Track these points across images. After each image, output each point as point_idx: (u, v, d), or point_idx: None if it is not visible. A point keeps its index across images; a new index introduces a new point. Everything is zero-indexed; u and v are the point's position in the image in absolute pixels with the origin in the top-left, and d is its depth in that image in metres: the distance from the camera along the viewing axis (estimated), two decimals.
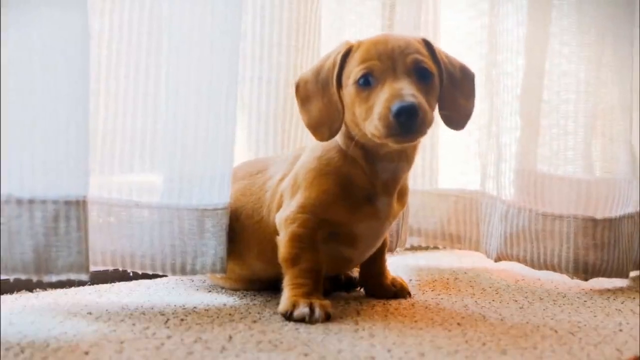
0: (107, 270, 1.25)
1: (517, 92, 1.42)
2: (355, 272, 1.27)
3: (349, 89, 1.05)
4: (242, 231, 1.16)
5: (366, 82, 1.02)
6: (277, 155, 1.26)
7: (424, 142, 1.54)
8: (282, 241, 1.08)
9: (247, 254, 1.16)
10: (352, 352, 0.88)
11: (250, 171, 1.21)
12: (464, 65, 1.13)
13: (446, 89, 1.08)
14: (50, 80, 0.97)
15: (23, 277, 0.96)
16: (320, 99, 1.08)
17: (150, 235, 1.12)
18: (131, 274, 1.19)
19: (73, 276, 0.98)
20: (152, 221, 1.12)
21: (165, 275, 1.25)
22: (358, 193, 1.08)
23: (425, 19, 1.51)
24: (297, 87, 1.11)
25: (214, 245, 1.13)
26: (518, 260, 1.41)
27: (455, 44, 1.57)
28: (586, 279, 1.36)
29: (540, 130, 1.41)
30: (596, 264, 1.35)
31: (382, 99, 0.99)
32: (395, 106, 0.96)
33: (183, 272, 1.13)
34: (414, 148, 1.10)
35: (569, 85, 1.40)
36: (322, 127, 1.08)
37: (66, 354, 0.85)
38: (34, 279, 0.97)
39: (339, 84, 1.07)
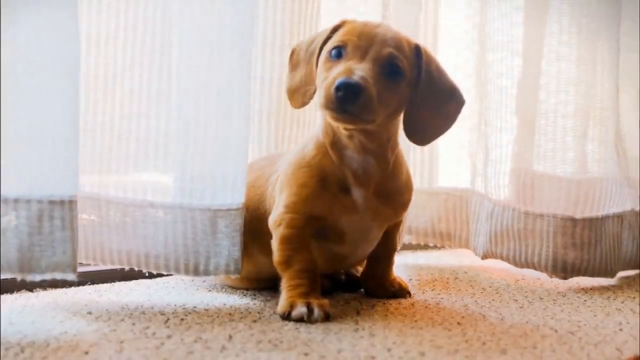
0: (107, 270, 1.25)
1: (508, 92, 1.42)
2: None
3: (321, 57, 1.06)
4: (251, 222, 1.16)
5: (337, 55, 1.04)
6: (288, 151, 1.27)
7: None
8: (274, 244, 1.09)
9: (253, 245, 1.17)
10: (352, 352, 0.88)
11: (264, 164, 1.22)
12: (456, 89, 1.12)
13: (421, 100, 1.07)
14: (38, 80, 0.96)
15: (7, 276, 0.96)
16: (304, 67, 1.10)
17: (164, 236, 1.12)
18: (147, 274, 1.19)
19: (58, 275, 0.98)
20: (166, 221, 1.12)
21: (167, 275, 1.25)
22: (333, 184, 1.08)
23: (424, 17, 1.51)
24: (292, 53, 1.14)
25: (227, 246, 1.13)
26: (502, 259, 1.42)
27: (455, 43, 1.57)
28: (565, 278, 1.37)
29: (535, 129, 1.42)
30: (575, 263, 1.36)
31: (335, 72, 1.00)
32: (338, 80, 0.97)
33: (196, 272, 1.13)
34: (381, 146, 1.08)
35: (561, 85, 1.40)
36: (296, 94, 1.11)
37: (66, 354, 0.85)
38: (18, 278, 0.96)
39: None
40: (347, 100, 0.97)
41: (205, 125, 1.12)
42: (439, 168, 1.60)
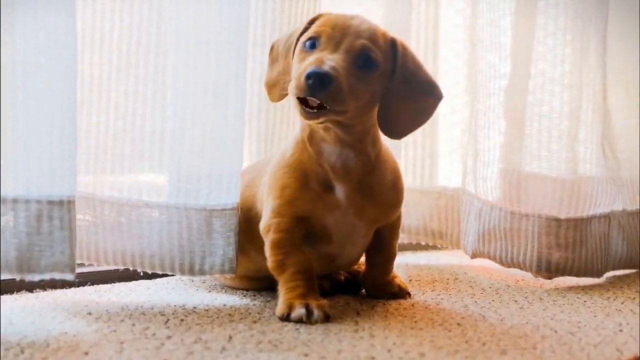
0: (107, 270, 1.25)
1: (497, 94, 1.43)
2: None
3: (297, 49, 1.06)
4: (245, 222, 1.16)
5: (312, 46, 1.04)
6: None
7: (415, 140, 1.55)
8: (267, 250, 1.09)
9: (250, 246, 1.17)
10: (352, 352, 0.88)
11: (261, 165, 1.22)
12: (435, 84, 1.11)
13: (395, 93, 1.06)
14: (36, 80, 0.97)
15: (6, 276, 0.96)
16: (283, 61, 1.10)
17: (160, 235, 1.13)
18: (144, 274, 1.19)
19: (57, 275, 0.98)
20: (161, 221, 1.13)
21: (167, 275, 1.25)
22: (315, 181, 1.08)
23: (417, 19, 1.51)
24: (272, 48, 1.14)
25: (222, 246, 1.13)
26: (489, 258, 1.43)
27: (455, 44, 1.57)
28: (550, 278, 1.38)
29: (524, 130, 1.43)
30: (560, 263, 1.37)
31: (307, 62, 1.00)
32: (309, 69, 0.97)
33: (192, 272, 1.14)
34: (359, 140, 1.08)
35: (548, 86, 1.41)
36: (275, 87, 1.11)
37: (66, 354, 0.85)
38: (17, 278, 0.97)
39: None
40: (316, 89, 0.96)
41: (200, 125, 1.12)
42: (437, 168, 1.60)
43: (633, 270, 1.52)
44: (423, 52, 1.52)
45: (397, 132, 1.10)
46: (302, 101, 0.99)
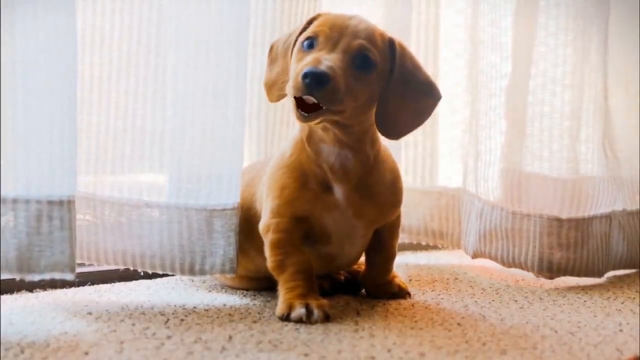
0: (107, 270, 1.25)
1: (498, 94, 1.43)
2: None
3: (295, 49, 1.06)
4: (245, 221, 1.16)
5: (309, 45, 1.03)
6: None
7: (416, 140, 1.55)
8: (266, 250, 1.09)
9: (250, 246, 1.17)
10: (352, 352, 0.88)
11: (258, 166, 1.22)
12: (433, 85, 1.11)
13: (393, 93, 1.06)
14: (36, 80, 0.97)
15: (6, 276, 0.96)
16: (281, 61, 1.10)
17: (160, 235, 1.13)
18: (144, 274, 1.19)
19: (57, 275, 0.98)
20: (161, 221, 1.13)
21: (168, 275, 1.25)
22: (313, 182, 1.08)
23: (417, 19, 1.51)
24: (271, 48, 1.14)
25: (222, 246, 1.14)
26: (490, 258, 1.44)
27: (455, 45, 1.57)
28: (551, 278, 1.39)
29: (525, 130, 1.43)
30: (561, 263, 1.38)
31: (305, 62, 1.00)
32: (306, 69, 0.97)
33: (192, 272, 1.14)
34: (358, 140, 1.08)
35: (550, 86, 1.41)
36: (273, 88, 1.11)
37: (66, 354, 0.85)
38: (17, 277, 0.97)
39: None
40: (313, 88, 0.96)
41: (200, 125, 1.12)
42: (438, 168, 1.60)
43: (633, 270, 1.52)
44: (423, 52, 1.52)
45: (395, 133, 1.10)
46: (300, 101, 0.99)
